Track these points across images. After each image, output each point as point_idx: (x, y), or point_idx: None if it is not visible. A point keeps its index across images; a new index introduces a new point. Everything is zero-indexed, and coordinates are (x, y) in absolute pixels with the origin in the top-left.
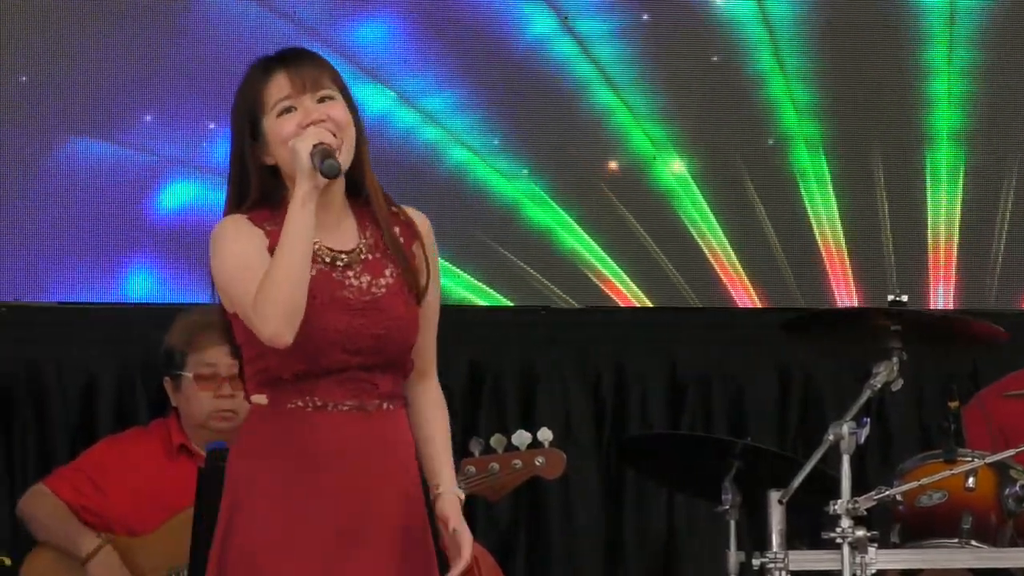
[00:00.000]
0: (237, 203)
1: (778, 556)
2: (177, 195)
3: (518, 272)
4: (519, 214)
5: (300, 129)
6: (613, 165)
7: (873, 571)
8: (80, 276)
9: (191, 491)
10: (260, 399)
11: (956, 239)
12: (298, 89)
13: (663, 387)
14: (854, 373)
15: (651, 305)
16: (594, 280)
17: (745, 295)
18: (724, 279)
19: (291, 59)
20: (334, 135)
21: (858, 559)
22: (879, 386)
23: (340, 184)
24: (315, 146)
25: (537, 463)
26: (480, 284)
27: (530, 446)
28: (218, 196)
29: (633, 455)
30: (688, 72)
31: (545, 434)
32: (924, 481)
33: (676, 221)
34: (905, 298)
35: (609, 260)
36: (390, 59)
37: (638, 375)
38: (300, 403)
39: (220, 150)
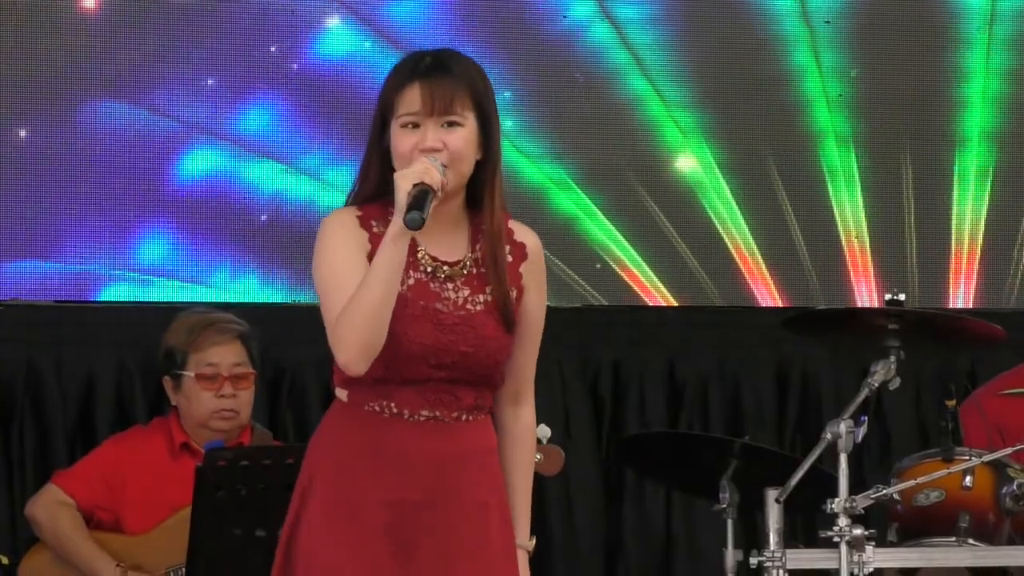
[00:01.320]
0: (357, 190)
1: (775, 555)
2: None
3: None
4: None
5: (416, 152)
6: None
7: (870, 570)
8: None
9: (191, 489)
10: (342, 394)
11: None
12: (427, 110)
13: (661, 386)
14: (852, 372)
15: (676, 304)
16: (620, 274)
17: (767, 292)
18: (746, 275)
19: (431, 73)
20: (445, 166)
21: (855, 558)
22: (877, 385)
23: (459, 194)
24: (415, 185)
25: (536, 459)
26: None
27: None
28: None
29: (632, 454)
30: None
31: (544, 431)
32: (921, 480)
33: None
34: (903, 297)
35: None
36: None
37: (636, 374)
38: (377, 408)
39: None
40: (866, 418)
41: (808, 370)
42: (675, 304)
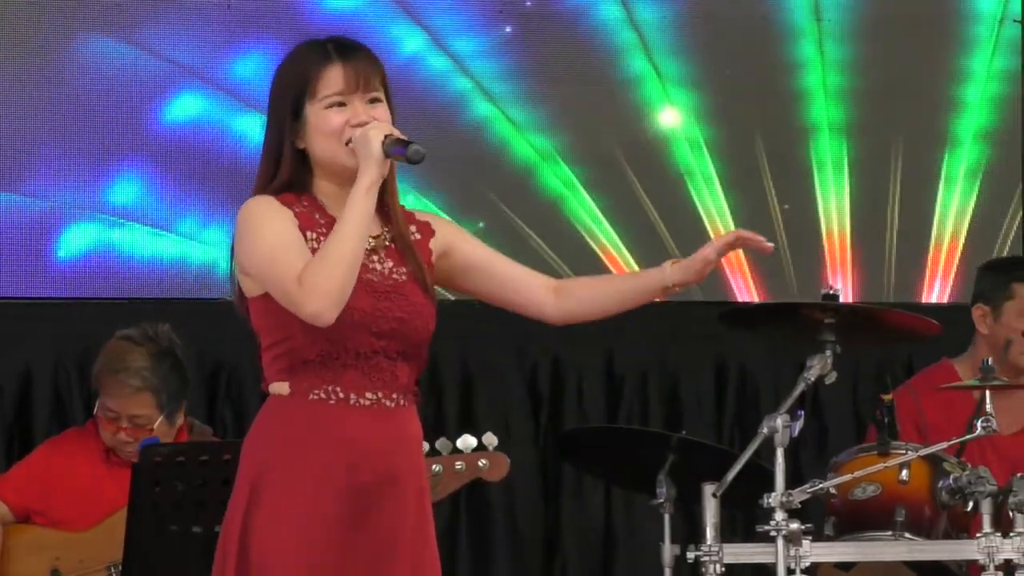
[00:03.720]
0: (267, 182)
1: (713, 549)
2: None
3: None
4: None
5: (348, 128)
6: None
7: (807, 564)
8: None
9: (127, 490)
10: (281, 387)
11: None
12: (351, 87)
13: (600, 380)
14: (790, 366)
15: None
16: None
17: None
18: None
19: (348, 53)
20: None
21: (792, 552)
22: (813, 379)
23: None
24: (387, 136)
25: (480, 465)
26: None
27: (475, 450)
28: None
29: (570, 449)
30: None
31: (490, 439)
32: (858, 474)
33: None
34: (839, 290)
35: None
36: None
37: (575, 368)
38: (322, 394)
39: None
40: (803, 412)
41: (746, 364)
42: None
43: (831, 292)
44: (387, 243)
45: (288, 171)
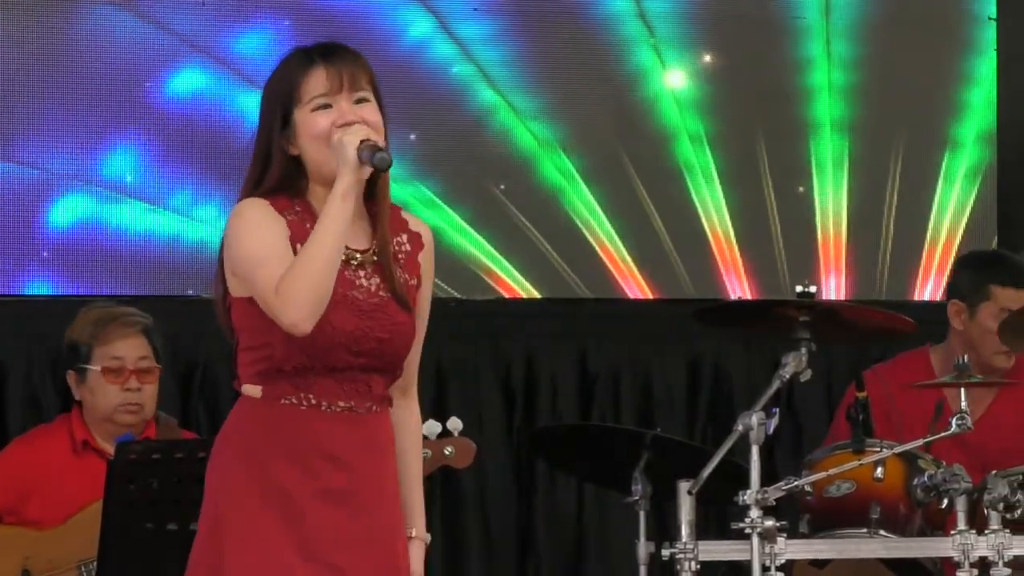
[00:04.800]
0: (255, 186)
1: (688, 546)
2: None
3: None
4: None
5: (334, 128)
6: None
7: (782, 561)
8: None
9: (96, 486)
10: (254, 390)
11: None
12: (336, 87)
13: (573, 378)
14: (764, 364)
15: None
16: (481, 275)
17: (636, 287)
18: (614, 271)
19: (332, 55)
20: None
21: (767, 549)
22: (788, 376)
23: (362, 184)
24: (362, 141)
25: (446, 452)
26: None
27: (440, 435)
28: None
29: (543, 446)
30: None
31: (455, 423)
32: (833, 471)
33: (566, 215)
34: (814, 289)
35: (496, 255)
36: None
37: (548, 366)
38: (294, 400)
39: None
40: (777, 410)
41: (720, 362)
42: (589, 296)
43: (806, 290)
44: (375, 258)
45: (277, 175)
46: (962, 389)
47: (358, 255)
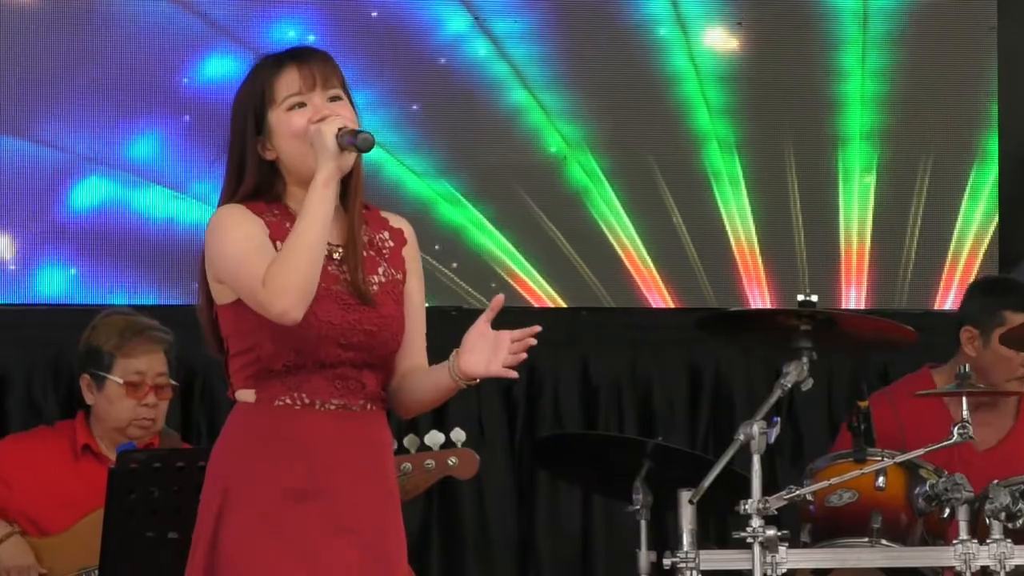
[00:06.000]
0: (231, 195)
1: (689, 556)
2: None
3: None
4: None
5: (310, 124)
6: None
7: (784, 571)
8: None
9: (95, 491)
10: (247, 395)
11: (868, 241)
12: (308, 85)
13: (575, 387)
14: (765, 373)
15: (564, 305)
16: (507, 279)
17: (658, 296)
18: (636, 276)
19: (302, 55)
20: None
21: (769, 559)
22: (789, 386)
23: (343, 173)
24: (340, 129)
25: (450, 463)
26: None
27: (443, 446)
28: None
29: (545, 455)
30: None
31: (458, 435)
32: (834, 481)
33: (588, 220)
34: (815, 298)
35: (521, 259)
36: None
37: (550, 375)
38: (288, 400)
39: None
40: (778, 419)
41: (720, 371)
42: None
43: (807, 299)
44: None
45: (253, 180)
46: (964, 399)
47: (341, 249)
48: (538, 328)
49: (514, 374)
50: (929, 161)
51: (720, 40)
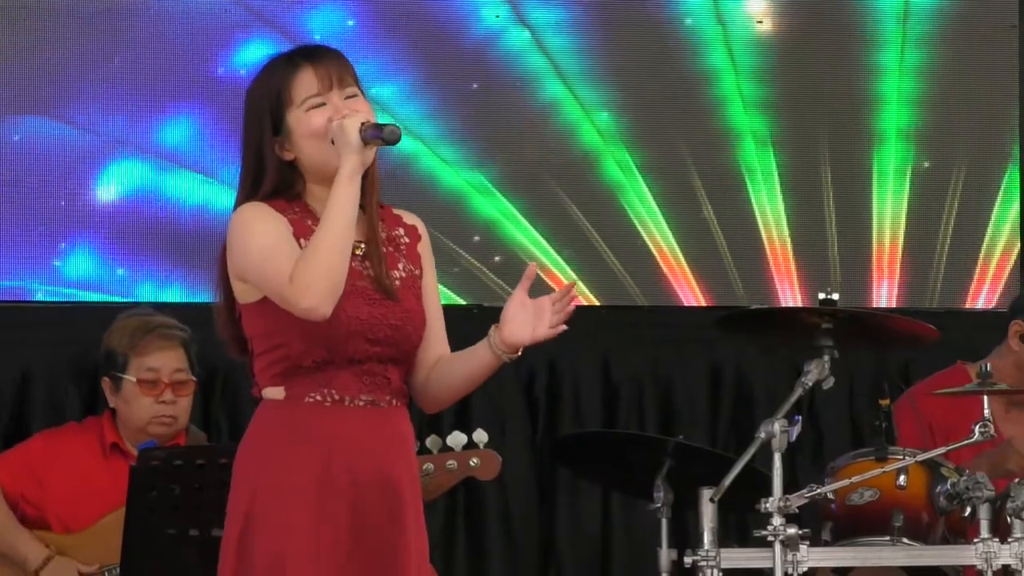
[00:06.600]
0: (249, 194)
1: (710, 554)
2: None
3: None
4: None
5: (330, 123)
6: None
7: (804, 569)
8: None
9: (123, 489)
10: (276, 393)
11: (901, 239)
12: (326, 85)
13: (596, 386)
14: (785, 371)
15: (596, 302)
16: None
17: (689, 292)
18: (667, 272)
19: (316, 55)
20: None
21: (790, 557)
22: (810, 384)
23: (366, 167)
24: (363, 123)
25: (472, 464)
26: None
27: (465, 447)
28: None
29: (566, 454)
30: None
31: (480, 435)
32: (855, 479)
33: (621, 215)
34: (836, 296)
35: (552, 253)
36: None
37: (571, 374)
38: (318, 397)
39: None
40: (799, 417)
41: (741, 369)
42: (607, 304)
43: (828, 297)
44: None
45: (272, 180)
46: (985, 397)
47: (363, 245)
48: (573, 284)
49: (564, 327)
50: (964, 160)
51: (758, 35)
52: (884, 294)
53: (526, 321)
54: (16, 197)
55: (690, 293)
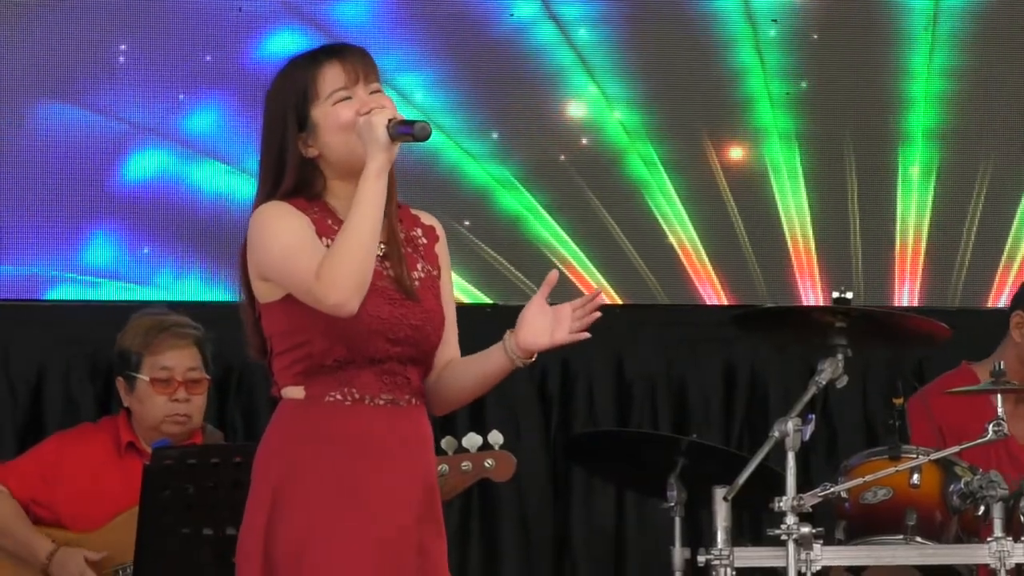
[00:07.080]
0: (269, 193)
1: (723, 553)
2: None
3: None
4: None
5: (358, 116)
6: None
7: (818, 568)
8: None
9: (137, 488)
10: (296, 392)
11: (924, 239)
12: (352, 80)
13: (609, 384)
14: (799, 370)
15: (620, 301)
16: (562, 268)
17: (711, 289)
18: (691, 272)
19: (342, 51)
20: None
21: (803, 556)
22: (824, 383)
23: (391, 164)
24: (390, 120)
25: (487, 465)
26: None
27: (480, 448)
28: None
29: (580, 452)
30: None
31: (496, 437)
32: (869, 478)
33: (645, 211)
34: (850, 295)
35: (577, 250)
36: None
37: (584, 372)
38: (339, 396)
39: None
40: (813, 416)
41: (755, 368)
42: (620, 302)
43: (842, 295)
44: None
45: (292, 178)
46: (999, 395)
47: (383, 245)
48: (599, 292)
49: (586, 335)
50: (990, 162)
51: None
52: (907, 294)
53: (544, 326)
54: (40, 183)
55: (712, 291)
